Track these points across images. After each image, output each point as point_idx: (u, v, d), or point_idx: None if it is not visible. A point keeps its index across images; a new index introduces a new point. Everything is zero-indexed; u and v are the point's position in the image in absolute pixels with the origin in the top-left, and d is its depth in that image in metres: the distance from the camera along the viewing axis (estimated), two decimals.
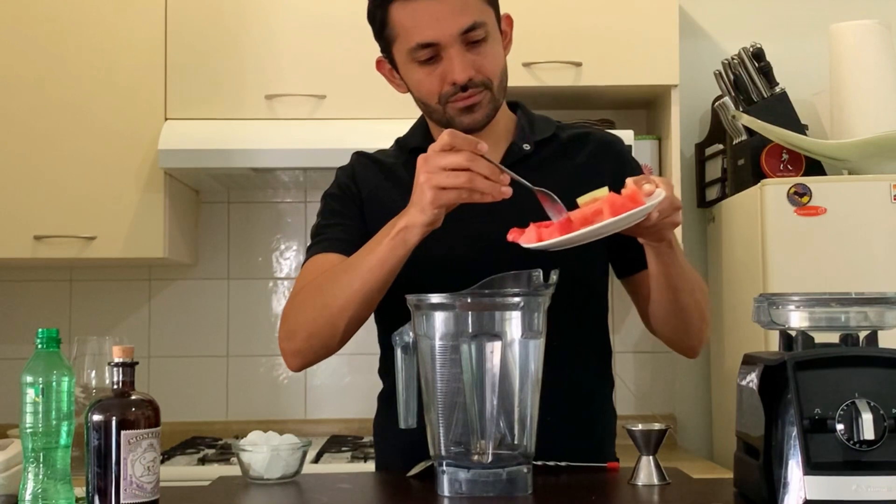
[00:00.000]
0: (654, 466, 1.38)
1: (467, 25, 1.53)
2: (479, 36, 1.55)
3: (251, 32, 2.86)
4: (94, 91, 2.82)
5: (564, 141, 1.70)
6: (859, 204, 2.54)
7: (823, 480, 1.13)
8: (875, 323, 1.21)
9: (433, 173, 1.38)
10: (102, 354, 2.26)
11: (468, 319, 1.28)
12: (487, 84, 1.57)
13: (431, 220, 1.41)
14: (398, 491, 1.47)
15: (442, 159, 1.38)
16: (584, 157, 1.68)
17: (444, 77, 1.56)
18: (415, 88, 1.63)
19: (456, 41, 1.54)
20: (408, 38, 1.56)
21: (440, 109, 1.59)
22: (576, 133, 1.73)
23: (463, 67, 1.54)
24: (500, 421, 1.29)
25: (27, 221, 2.78)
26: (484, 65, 1.56)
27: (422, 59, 1.56)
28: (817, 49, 2.96)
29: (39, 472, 1.23)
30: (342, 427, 3.11)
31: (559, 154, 1.68)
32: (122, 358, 1.28)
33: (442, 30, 1.53)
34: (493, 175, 1.37)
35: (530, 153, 1.66)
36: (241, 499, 1.41)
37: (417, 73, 1.59)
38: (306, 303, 1.58)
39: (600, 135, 1.76)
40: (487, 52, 1.57)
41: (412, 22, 1.55)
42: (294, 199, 3.23)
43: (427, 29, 1.54)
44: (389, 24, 1.59)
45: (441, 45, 1.54)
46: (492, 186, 1.36)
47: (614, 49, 2.85)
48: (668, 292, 1.56)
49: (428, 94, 1.60)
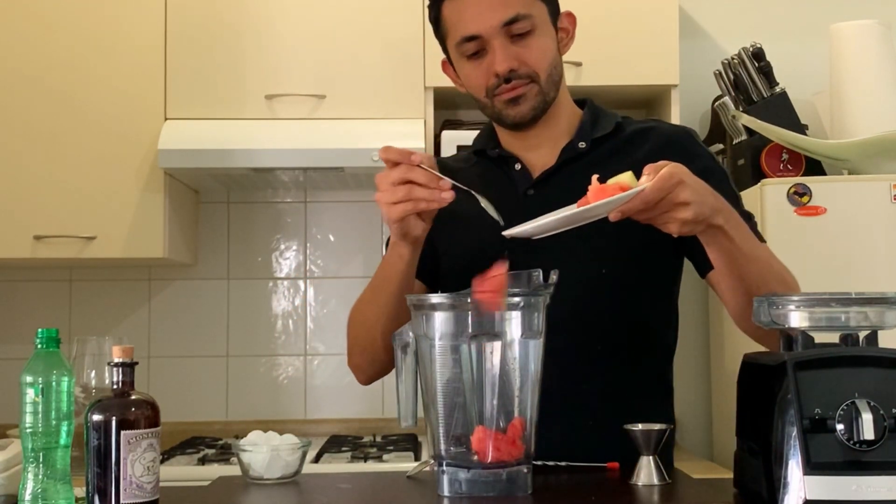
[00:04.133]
0: (654, 466, 1.38)
1: (509, 17, 1.55)
2: (524, 28, 1.57)
3: (251, 32, 2.86)
4: (94, 91, 2.82)
5: (625, 137, 1.68)
6: (859, 204, 2.54)
7: (823, 480, 1.13)
8: (875, 323, 1.21)
9: (382, 191, 1.44)
10: (102, 354, 2.25)
11: (468, 319, 1.28)
12: (533, 76, 1.59)
13: (400, 233, 1.47)
14: (398, 491, 1.47)
15: (385, 177, 1.43)
16: (645, 152, 1.63)
17: (489, 70, 1.58)
18: (466, 83, 1.66)
19: (498, 33, 1.56)
20: (455, 32, 1.60)
21: (489, 103, 1.62)
22: (639, 128, 1.69)
23: (504, 58, 1.56)
24: (500, 421, 1.29)
25: (27, 221, 2.78)
26: (528, 57, 1.58)
27: (468, 52, 1.60)
28: (817, 49, 2.96)
29: (39, 472, 1.23)
30: (342, 427, 3.11)
31: (618, 151, 1.65)
32: (122, 358, 1.28)
33: (484, 22, 1.56)
34: (431, 183, 1.40)
35: (586, 151, 1.65)
36: (241, 499, 1.41)
37: (466, 68, 1.62)
38: (352, 322, 1.68)
39: (665, 128, 1.71)
40: (533, 45, 1.58)
41: (458, 17, 1.59)
42: (294, 199, 3.23)
43: (470, 22, 1.57)
44: (441, 22, 1.63)
45: (485, 38, 1.57)
46: (430, 193, 1.40)
47: (614, 49, 2.85)
48: (735, 282, 1.48)
49: (476, 87, 1.62)
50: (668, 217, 1.32)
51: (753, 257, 1.46)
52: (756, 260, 1.47)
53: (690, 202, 1.31)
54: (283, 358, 3.19)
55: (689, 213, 1.31)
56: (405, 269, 1.53)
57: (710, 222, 1.36)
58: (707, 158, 1.65)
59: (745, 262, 1.45)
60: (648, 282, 1.64)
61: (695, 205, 1.31)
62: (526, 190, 1.65)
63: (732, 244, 1.42)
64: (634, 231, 1.40)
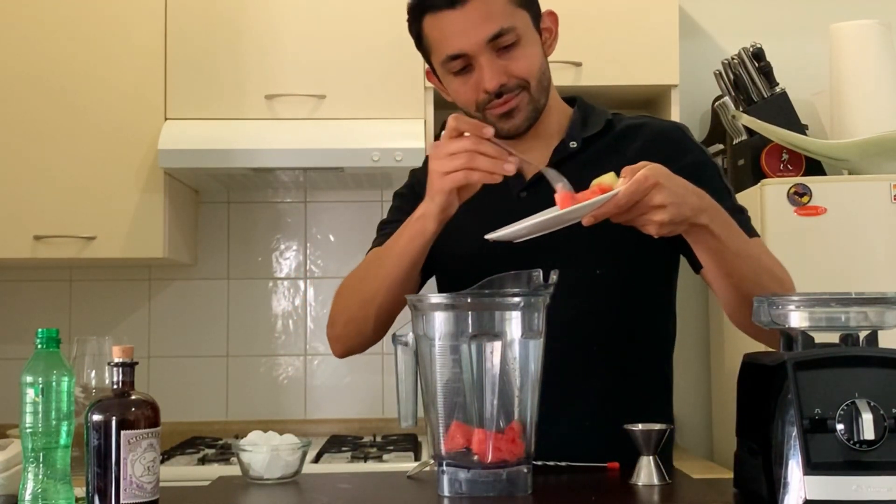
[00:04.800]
0: (654, 466, 1.38)
1: (493, 33, 1.53)
2: (509, 41, 1.55)
3: (251, 32, 2.86)
4: (94, 91, 2.82)
5: (616, 134, 1.67)
6: (859, 204, 2.54)
7: (823, 480, 1.13)
8: (875, 323, 1.21)
9: (439, 159, 1.41)
10: (102, 354, 2.26)
11: (468, 319, 1.28)
12: (523, 85, 1.58)
13: (442, 205, 1.44)
14: (398, 491, 1.47)
15: (448, 145, 1.41)
16: (636, 149, 1.62)
17: (478, 86, 1.57)
18: (455, 98, 1.65)
19: (484, 49, 1.54)
20: (439, 50, 1.58)
21: (480, 117, 1.60)
22: (630, 124, 1.68)
23: (493, 75, 1.55)
24: (500, 421, 1.29)
25: (27, 221, 2.78)
26: (516, 68, 1.56)
27: (455, 69, 1.58)
28: (817, 49, 2.96)
29: (39, 472, 1.23)
30: (342, 427, 3.11)
31: (609, 149, 1.64)
32: (122, 358, 1.28)
33: (468, 39, 1.54)
34: (500, 156, 1.39)
35: (577, 150, 1.64)
36: (241, 499, 1.41)
37: (454, 83, 1.61)
38: (344, 292, 1.67)
39: (655, 124, 1.70)
40: (520, 56, 1.56)
41: (441, 34, 1.57)
42: (294, 199, 3.23)
43: (454, 40, 1.55)
44: (424, 38, 1.61)
45: (471, 55, 1.55)
46: (493, 164, 1.38)
47: (614, 49, 2.85)
48: (724, 279, 1.48)
49: (466, 103, 1.61)
50: (645, 220, 1.33)
51: (743, 254, 1.46)
52: (746, 256, 1.47)
53: (666, 204, 1.31)
54: (283, 358, 3.19)
55: (665, 215, 1.32)
56: (424, 245, 1.51)
57: (692, 222, 1.37)
58: (698, 153, 1.65)
59: (734, 259, 1.45)
60: (644, 280, 1.64)
61: (672, 206, 1.31)
62: (518, 192, 1.64)
63: (719, 242, 1.42)
64: (628, 230, 1.39)
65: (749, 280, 1.46)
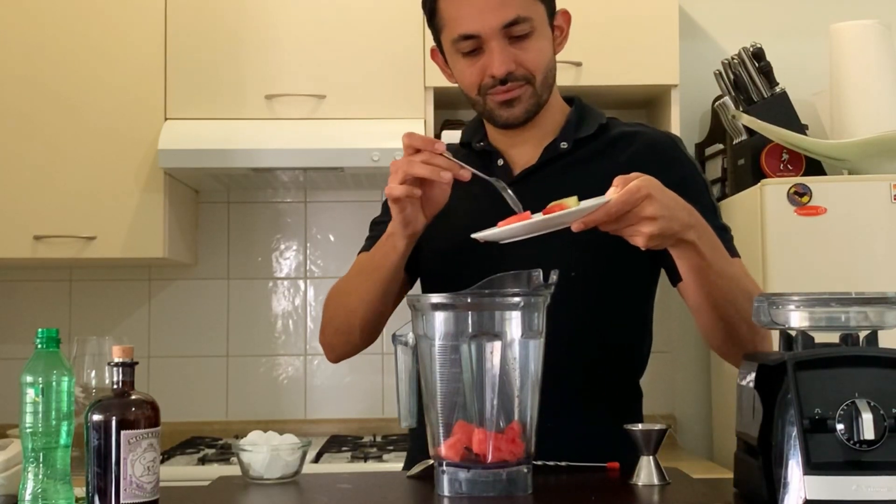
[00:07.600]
0: (654, 466, 1.38)
1: (510, 19, 1.54)
2: (523, 31, 1.55)
3: (251, 32, 2.86)
4: (94, 91, 2.82)
5: (609, 139, 1.66)
6: (859, 204, 2.54)
7: (823, 480, 1.13)
8: (875, 323, 1.21)
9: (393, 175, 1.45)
10: (102, 354, 2.26)
11: (468, 319, 1.28)
12: (529, 79, 1.58)
13: (402, 223, 1.47)
14: (398, 491, 1.47)
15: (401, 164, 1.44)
16: (628, 156, 1.61)
17: (485, 69, 1.57)
18: (458, 78, 1.65)
19: (497, 34, 1.55)
20: (452, 28, 1.58)
21: (480, 101, 1.61)
22: (623, 131, 1.67)
23: (502, 61, 1.55)
24: (500, 421, 1.29)
25: (27, 221, 2.78)
26: (526, 59, 1.57)
27: (464, 50, 1.58)
28: (817, 49, 2.96)
29: (39, 472, 1.23)
30: (342, 427, 3.11)
31: (599, 153, 1.64)
32: (122, 358, 1.28)
33: (484, 22, 1.54)
34: (452, 169, 1.42)
35: (568, 151, 1.64)
36: (241, 499, 1.41)
37: (460, 64, 1.61)
38: (331, 303, 1.69)
39: (649, 133, 1.68)
40: (531, 48, 1.57)
41: (457, 13, 1.57)
42: (294, 199, 3.23)
43: (470, 20, 1.55)
44: (438, 14, 1.61)
45: (483, 38, 1.55)
46: (431, 171, 1.41)
47: (614, 49, 2.85)
48: (703, 297, 1.47)
49: (469, 84, 1.61)
50: (634, 230, 1.32)
51: (725, 274, 1.46)
52: (727, 277, 1.47)
53: (657, 217, 1.31)
54: (283, 358, 3.19)
55: (654, 227, 1.31)
56: (397, 261, 1.53)
57: (679, 237, 1.37)
58: (688, 167, 1.63)
59: (716, 278, 1.45)
60: (620, 284, 1.62)
61: (662, 220, 1.31)
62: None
63: (703, 260, 1.42)
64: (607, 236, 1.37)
65: (726, 300, 1.46)
